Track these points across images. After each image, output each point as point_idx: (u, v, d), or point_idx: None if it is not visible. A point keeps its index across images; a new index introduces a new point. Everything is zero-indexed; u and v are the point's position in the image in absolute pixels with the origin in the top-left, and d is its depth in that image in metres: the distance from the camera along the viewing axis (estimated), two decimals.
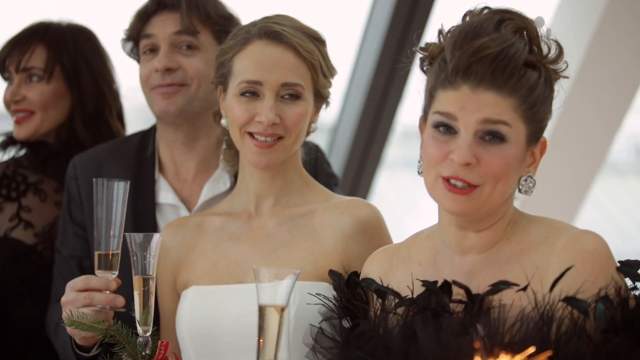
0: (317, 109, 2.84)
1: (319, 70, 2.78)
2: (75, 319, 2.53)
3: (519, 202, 2.46)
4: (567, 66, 2.37)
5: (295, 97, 2.75)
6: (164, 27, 3.10)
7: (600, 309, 2.18)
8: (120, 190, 2.65)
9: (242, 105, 2.74)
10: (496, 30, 2.28)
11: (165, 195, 3.12)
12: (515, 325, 2.18)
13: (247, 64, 2.74)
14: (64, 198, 3.21)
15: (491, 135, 2.28)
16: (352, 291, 2.50)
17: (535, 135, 2.33)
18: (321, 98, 2.83)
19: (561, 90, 2.39)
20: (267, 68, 2.72)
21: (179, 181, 3.15)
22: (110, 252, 2.65)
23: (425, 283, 2.34)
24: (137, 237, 2.45)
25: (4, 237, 3.32)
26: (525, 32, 2.31)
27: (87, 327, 2.50)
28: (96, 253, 2.66)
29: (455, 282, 2.29)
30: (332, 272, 2.57)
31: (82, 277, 2.67)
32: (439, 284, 2.33)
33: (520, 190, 2.37)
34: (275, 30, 2.75)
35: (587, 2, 5.32)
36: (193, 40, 3.08)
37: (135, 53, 3.19)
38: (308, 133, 2.86)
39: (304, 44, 2.75)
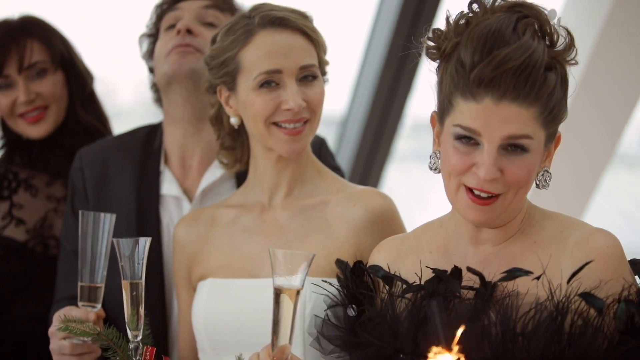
0: None
1: (321, 48, 2.79)
2: (69, 323, 2.53)
3: (529, 194, 2.45)
4: (576, 53, 2.35)
5: (313, 77, 2.75)
6: (193, 3, 3.11)
7: (621, 309, 2.17)
8: (106, 222, 2.64)
9: (264, 96, 2.72)
10: (514, 33, 2.25)
11: (169, 186, 3.10)
12: (529, 313, 2.17)
13: (259, 55, 2.72)
14: (68, 191, 3.19)
15: (517, 148, 2.26)
16: (358, 279, 2.48)
17: (553, 135, 2.33)
18: (324, 74, 2.83)
19: (571, 79, 2.38)
20: (282, 55, 2.71)
21: (184, 170, 3.13)
22: (94, 285, 2.64)
23: (435, 270, 2.33)
24: (125, 242, 2.44)
25: None
26: (541, 30, 2.29)
27: (79, 332, 2.52)
28: (79, 284, 2.66)
29: (469, 269, 2.28)
30: (338, 261, 2.55)
31: (65, 309, 2.69)
32: (449, 271, 2.32)
33: (537, 186, 2.36)
34: (279, 17, 2.73)
35: None
36: (219, 15, 3.09)
37: (150, 51, 3.18)
38: None
39: (308, 25, 2.76)
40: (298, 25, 2.73)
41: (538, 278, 2.24)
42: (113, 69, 3.48)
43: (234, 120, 2.82)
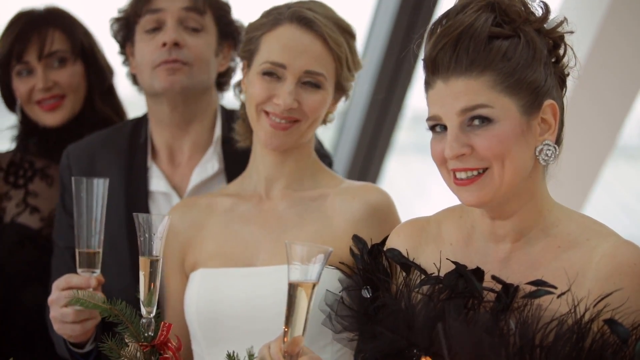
0: (335, 100, 2.85)
1: (344, 63, 2.79)
2: (81, 297, 2.53)
3: None
4: (563, 20, 2.31)
5: (316, 85, 2.76)
6: (172, 2, 3.09)
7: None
8: (100, 187, 2.66)
9: (263, 84, 2.75)
10: (459, 14, 2.25)
11: (157, 182, 3.12)
12: (550, 324, 2.14)
13: (275, 45, 2.75)
14: (59, 188, 3.21)
15: (478, 120, 2.23)
16: (374, 260, 2.46)
17: (532, 103, 2.26)
18: (341, 90, 2.84)
19: (575, 56, 2.34)
20: (293, 53, 2.74)
21: (172, 166, 3.15)
22: (92, 251, 2.66)
23: (456, 264, 2.31)
24: (145, 218, 2.44)
25: (10, 223, 3.34)
26: (492, 6, 2.26)
27: (91, 305, 2.51)
28: (77, 251, 2.67)
29: (494, 277, 2.25)
30: (356, 238, 2.55)
31: (65, 276, 2.69)
32: (469, 268, 2.29)
33: (540, 162, 2.29)
34: (308, 17, 2.75)
35: None
36: (200, 19, 3.08)
37: (123, 34, 3.17)
38: (325, 122, 2.88)
39: (333, 35, 2.76)
40: (322, 31, 2.75)
41: (563, 294, 2.20)
42: (111, 60, 3.47)
43: (242, 97, 2.87)
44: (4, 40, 3.36)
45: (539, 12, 2.31)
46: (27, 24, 3.36)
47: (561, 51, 2.33)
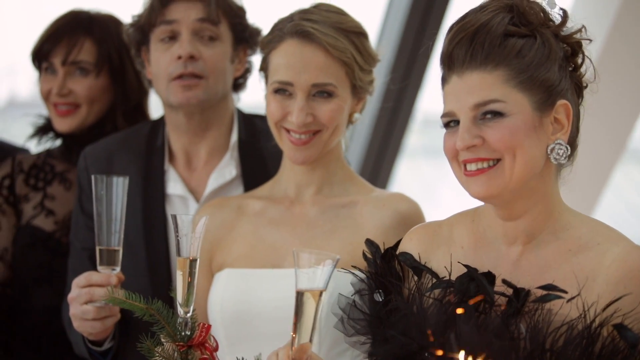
0: (358, 100, 2.86)
1: (355, 65, 2.79)
2: (116, 296, 2.51)
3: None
4: (582, 28, 2.33)
5: (329, 95, 2.77)
6: (187, 12, 3.08)
7: None
8: (119, 186, 2.67)
9: (277, 102, 2.78)
10: (477, 13, 2.28)
11: (174, 186, 3.13)
12: (560, 329, 2.14)
13: (280, 63, 2.78)
14: (76, 190, 3.22)
15: (490, 114, 2.25)
16: (387, 264, 2.47)
17: (545, 100, 2.28)
18: (361, 89, 2.84)
19: (594, 68, 2.37)
20: (297, 69, 2.75)
21: (189, 170, 3.16)
22: (112, 248, 2.67)
23: (468, 267, 2.31)
24: (185, 219, 2.43)
25: (25, 225, 3.36)
26: (510, 8, 2.29)
27: (127, 305, 2.48)
28: (97, 248, 2.69)
29: (504, 281, 2.25)
30: (368, 242, 2.54)
31: (85, 274, 2.71)
32: (480, 271, 2.29)
33: (551, 161, 2.30)
34: (306, 30, 2.76)
35: None
36: (215, 29, 3.08)
37: (138, 39, 3.16)
38: (352, 122, 2.89)
39: (335, 43, 2.76)
40: (322, 42, 2.75)
41: (573, 299, 2.20)
42: None
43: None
44: (44, 33, 3.39)
45: (557, 19, 2.33)
46: (65, 25, 3.38)
47: (579, 60, 2.36)
